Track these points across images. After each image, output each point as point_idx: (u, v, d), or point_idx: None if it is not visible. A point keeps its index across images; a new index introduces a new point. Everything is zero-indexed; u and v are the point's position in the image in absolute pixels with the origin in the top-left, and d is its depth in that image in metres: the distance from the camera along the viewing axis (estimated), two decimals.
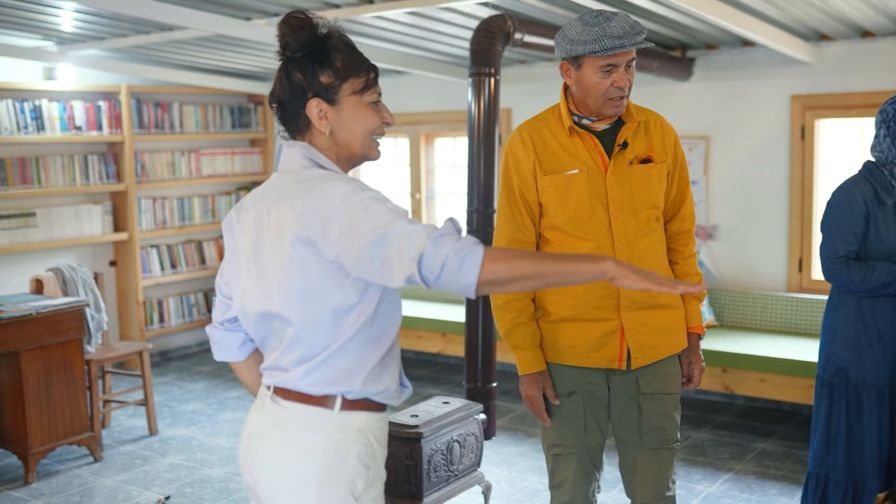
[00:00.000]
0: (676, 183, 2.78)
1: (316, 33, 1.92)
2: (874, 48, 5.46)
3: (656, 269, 2.71)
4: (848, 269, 3.25)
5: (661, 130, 2.73)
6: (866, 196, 3.26)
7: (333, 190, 1.82)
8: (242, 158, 8.07)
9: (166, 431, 5.59)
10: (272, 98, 1.99)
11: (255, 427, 2.00)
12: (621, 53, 2.52)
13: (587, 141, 2.66)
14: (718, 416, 5.64)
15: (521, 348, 2.73)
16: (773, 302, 5.79)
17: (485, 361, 4.47)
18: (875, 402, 3.30)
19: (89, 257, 6.98)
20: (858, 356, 3.32)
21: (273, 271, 1.90)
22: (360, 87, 1.95)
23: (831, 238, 3.32)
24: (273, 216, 1.90)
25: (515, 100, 6.78)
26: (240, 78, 7.65)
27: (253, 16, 5.02)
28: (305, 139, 1.97)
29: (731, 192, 6.05)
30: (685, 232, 2.83)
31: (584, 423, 2.74)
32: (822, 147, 5.79)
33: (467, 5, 4.60)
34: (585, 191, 2.63)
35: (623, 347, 2.67)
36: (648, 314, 2.69)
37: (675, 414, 2.76)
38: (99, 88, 6.82)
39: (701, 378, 2.84)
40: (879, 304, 3.28)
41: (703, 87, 6.09)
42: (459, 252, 1.70)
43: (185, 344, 7.78)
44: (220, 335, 2.14)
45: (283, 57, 1.95)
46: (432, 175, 7.59)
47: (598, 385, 2.73)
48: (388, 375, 1.98)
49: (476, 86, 4.17)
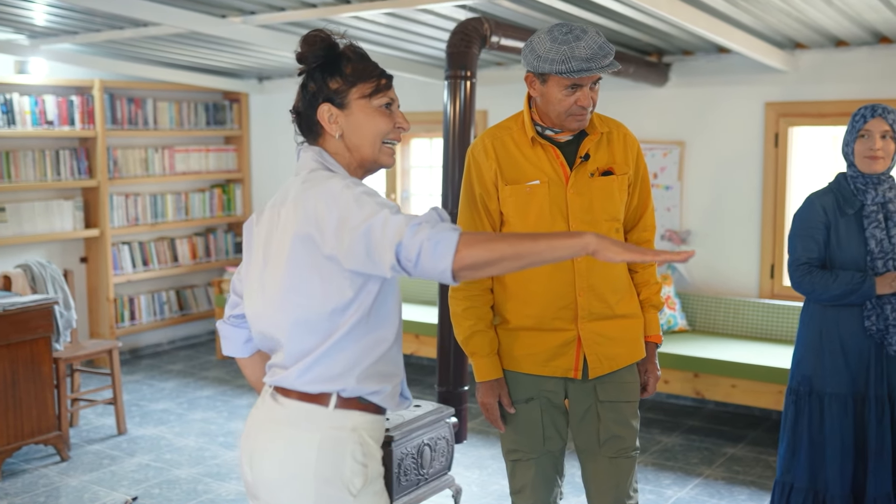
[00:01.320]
0: (638, 194, 2.78)
1: (328, 45, 2.03)
2: (848, 57, 5.51)
3: (615, 280, 2.71)
4: (810, 276, 3.31)
5: (623, 141, 2.73)
6: (827, 206, 3.34)
7: (330, 187, 1.90)
8: (217, 156, 8.01)
9: (135, 431, 5.53)
10: (292, 110, 2.10)
11: (256, 423, 2.07)
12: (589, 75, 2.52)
13: (549, 152, 2.66)
14: (689, 421, 5.66)
15: (478, 355, 2.72)
16: (745, 308, 5.83)
17: (457, 364, 4.46)
18: (836, 411, 3.33)
19: (60, 253, 6.90)
20: (821, 365, 3.37)
21: (274, 266, 1.98)
22: (368, 92, 2.03)
23: (794, 246, 3.40)
24: (282, 215, 1.98)
25: (492, 102, 6.78)
26: (215, 75, 7.60)
27: (228, 13, 4.98)
28: (321, 143, 2.07)
29: (705, 198, 6.08)
30: (645, 242, 2.84)
31: (542, 429, 2.74)
32: (796, 154, 5.83)
33: (445, 7, 4.59)
34: (546, 202, 2.64)
35: (579, 357, 2.68)
36: (606, 324, 2.69)
37: (633, 422, 2.77)
38: (71, 83, 6.75)
39: (655, 387, 2.86)
40: (843, 314, 3.32)
41: (678, 93, 6.11)
42: (433, 237, 1.74)
43: (155, 342, 7.72)
44: (227, 330, 2.23)
45: (301, 70, 2.07)
46: (408, 176, 7.58)
47: (556, 393, 2.74)
48: (384, 378, 2.02)
49: (452, 88, 4.17)
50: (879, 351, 3.30)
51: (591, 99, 2.57)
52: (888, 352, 3.28)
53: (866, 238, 3.27)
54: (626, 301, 2.75)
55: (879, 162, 3.25)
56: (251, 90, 7.97)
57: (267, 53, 6.41)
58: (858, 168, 3.29)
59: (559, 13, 4.65)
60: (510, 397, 2.74)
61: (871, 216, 3.27)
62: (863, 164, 3.27)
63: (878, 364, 3.30)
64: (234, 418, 5.77)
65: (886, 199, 3.28)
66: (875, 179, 3.28)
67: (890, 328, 3.26)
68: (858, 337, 3.30)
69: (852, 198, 3.31)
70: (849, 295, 3.25)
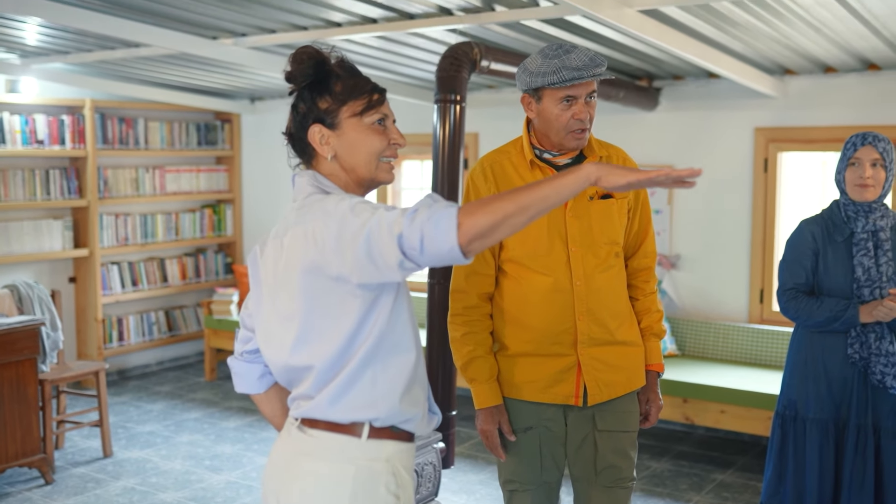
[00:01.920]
0: (638, 219, 2.77)
1: (318, 62, 1.97)
2: (837, 84, 5.53)
3: (615, 305, 2.69)
4: (796, 302, 3.33)
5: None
6: (815, 232, 3.36)
7: (325, 206, 1.86)
8: (208, 176, 8.00)
9: (121, 453, 5.49)
10: (285, 132, 2.05)
11: (282, 457, 1.99)
12: (581, 85, 2.53)
13: (548, 175, 2.65)
14: (679, 446, 5.64)
15: (477, 381, 2.70)
16: (735, 333, 5.82)
17: (444, 389, 4.43)
18: (817, 436, 3.33)
19: (48, 273, 6.87)
20: (805, 390, 3.38)
21: (285, 301, 1.92)
22: (360, 110, 1.97)
23: (782, 271, 3.43)
24: (285, 245, 1.93)
25: (483, 124, 6.79)
26: (207, 95, 7.60)
27: (219, 35, 4.98)
28: (315, 165, 2.01)
29: (695, 222, 6.09)
30: (646, 269, 2.82)
31: (539, 459, 2.72)
32: (785, 179, 5.84)
33: (436, 31, 4.60)
34: (544, 225, 2.63)
35: (580, 384, 2.66)
36: (606, 350, 2.67)
37: (631, 452, 2.74)
38: (63, 102, 6.74)
39: (657, 417, 2.82)
40: (829, 342, 3.32)
41: (669, 117, 6.13)
42: (432, 218, 1.69)
43: (144, 363, 7.68)
44: (239, 366, 2.15)
45: (292, 92, 2.02)
46: (399, 197, 7.58)
47: (555, 421, 2.71)
48: (414, 402, 1.97)
49: (441, 112, 4.16)
50: (863, 380, 3.29)
51: (588, 114, 2.56)
52: (872, 381, 3.27)
53: (854, 265, 3.28)
54: (626, 328, 2.73)
55: (870, 190, 3.26)
56: (243, 110, 7.97)
57: (258, 74, 6.41)
58: (850, 196, 3.30)
59: (549, 37, 4.66)
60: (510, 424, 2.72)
61: (861, 244, 3.27)
62: (854, 192, 3.28)
63: (861, 393, 3.29)
64: (221, 441, 5.73)
65: (877, 227, 3.28)
66: (866, 207, 3.28)
67: (872, 357, 3.25)
68: (842, 365, 3.30)
69: (843, 225, 3.32)
70: (832, 321, 3.25)
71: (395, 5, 4.19)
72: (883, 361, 3.25)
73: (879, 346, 3.26)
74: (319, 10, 4.32)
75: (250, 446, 5.61)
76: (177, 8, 4.32)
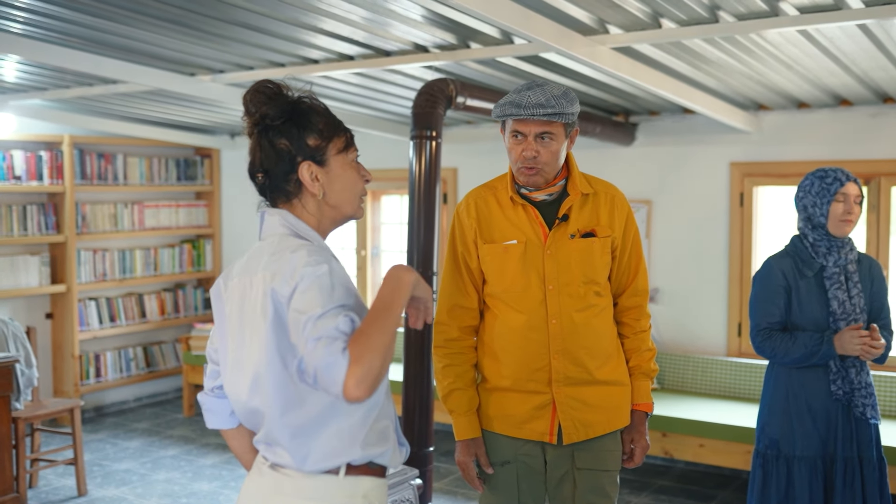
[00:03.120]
0: (627, 257, 2.74)
1: (290, 99, 1.97)
2: (810, 119, 5.60)
3: (595, 345, 2.66)
4: (771, 341, 3.34)
5: (611, 203, 2.71)
6: (785, 269, 3.38)
7: (293, 261, 1.84)
8: (188, 211, 7.99)
9: (96, 492, 5.42)
10: (257, 168, 1.98)
11: (255, 497, 1.96)
12: (527, 123, 2.55)
13: (529, 212, 2.66)
14: (659, 481, 5.62)
15: (456, 413, 2.71)
16: (713, 366, 5.83)
17: (422, 424, 4.41)
18: (806, 474, 3.32)
19: (24, 309, 6.82)
20: (790, 428, 3.36)
21: (251, 346, 1.90)
22: (342, 147, 1.98)
23: (753, 312, 3.44)
24: (254, 285, 1.91)
25: (461, 160, 6.83)
26: (187, 131, 7.60)
27: (197, 72, 5.00)
28: (295, 203, 1.98)
29: (673, 256, 6.12)
30: (636, 307, 2.78)
31: (517, 494, 2.70)
32: (761, 213, 5.90)
33: (413, 68, 4.64)
34: (521, 262, 2.63)
35: (554, 422, 2.65)
36: (583, 390, 2.66)
37: (610, 491, 2.72)
38: (41, 138, 6.73)
39: (642, 457, 2.78)
40: (808, 377, 3.33)
41: (645, 152, 6.19)
42: (324, 360, 1.70)
43: (121, 399, 7.60)
44: (211, 402, 2.11)
45: (259, 126, 1.96)
46: (378, 232, 7.58)
47: (533, 457, 2.70)
48: (386, 436, 1.96)
49: (417, 148, 4.18)
50: (846, 413, 3.31)
51: (537, 151, 2.56)
52: (855, 413, 3.29)
53: (829, 299, 3.31)
54: (609, 367, 2.70)
55: (850, 225, 3.32)
56: (223, 146, 7.98)
57: (238, 111, 6.43)
58: (830, 231, 3.33)
59: (525, 74, 4.71)
60: (488, 458, 2.71)
61: (833, 277, 3.31)
62: (836, 228, 3.32)
63: (845, 426, 3.31)
64: (198, 479, 5.67)
65: (847, 260, 3.34)
66: (839, 243, 3.33)
67: (855, 391, 3.28)
68: (825, 399, 3.31)
69: (811, 260, 3.35)
70: (809, 357, 3.27)
71: (372, 43, 4.22)
72: (863, 393, 3.28)
73: (860, 379, 3.29)
74: (297, 48, 4.35)
75: (227, 483, 5.55)
76: (154, 45, 4.34)
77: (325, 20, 3.80)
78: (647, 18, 3.62)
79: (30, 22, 3.97)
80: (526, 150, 2.57)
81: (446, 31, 3.95)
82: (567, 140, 2.63)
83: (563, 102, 2.55)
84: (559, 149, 2.60)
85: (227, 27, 3.98)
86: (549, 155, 2.59)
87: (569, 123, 2.60)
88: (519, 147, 2.58)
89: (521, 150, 2.58)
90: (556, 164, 2.62)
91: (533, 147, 2.56)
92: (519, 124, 2.56)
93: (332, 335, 1.72)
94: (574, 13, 3.54)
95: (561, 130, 2.58)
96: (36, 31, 4.13)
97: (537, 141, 2.57)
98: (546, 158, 2.58)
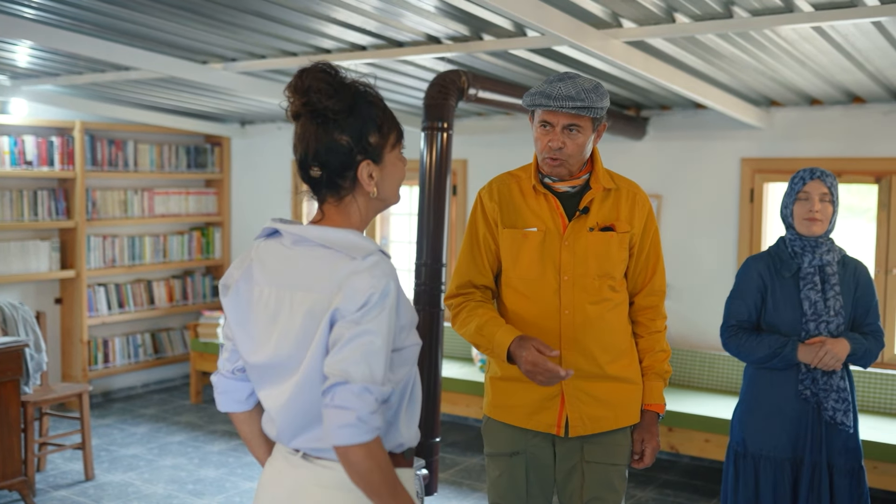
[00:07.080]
0: (644, 256, 2.73)
1: (354, 91, 1.84)
2: (822, 115, 5.58)
3: (608, 340, 2.66)
4: (736, 338, 3.33)
5: (632, 200, 2.71)
6: (761, 270, 3.35)
7: (361, 283, 1.77)
8: (197, 198, 8.00)
9: (103, 476, 5.45)
10: (313, 161, 1.84)
11: (286, 486, 1.90)
12: (556, 114, 2.56)
13: (550, 201, 2.67)
14: (664, 475, 5.63)
15: (494, 335, 2.57)
16: (720, 361, 5.83)
17: (428, 415, 4.42)
18: (771, 474, 3.29)
19: (34, 294, 6.85)
20: (756, 427, 3.33)
21: (292, 357, 1.84)
22: (395, 142, 1.91)
23: (727, 308, 3.42)
24: (296, 302, 1.83)
25: (472, 151, 6.82)
26: (197, 118, 7.61)
27: (209, 60, 5.01)
28: (347, 201, 1.88)
29: (681, 251, 6.11)
30: (652, 307, 2.77)
31: (525, 485, 2.71)
32: (771, 210, 5.88)
33: (425, 59, 4.64)
34: (538, 250, 2.64)
35: (562, 414, 2.65)
36: (594, 385, 2.66)
37: (617, 485, 2.71)
38: (52, 124, 6.75)
39: (653, 457, 2.76)
40: (777, 378, 3.30)
41: (656, 147, 6.17)
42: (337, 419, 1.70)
43: (129, 385, 7.64)
44: (228, 384, 2.04)
45: (319, 118, 1.83)
46: (387, 222, 7.59)
47: (542, 448, 2.70)
48: (415, 420, 1.94)
49: (428, 139, 4.18)
50: (817, 416, 3.26)
51: (563, 143, 2.57)
52: (825, 417, 3.25)
53: (801, 299, 3.26)
54: (621, 364, 2.69)
55: (818, 224, 3.25)
56: (233, 134, 7.99)
57: (248, 99, 6.44)
58: (797, 230, 3.30)
59: (537, 66, 4.70)
60: (496, 449, 2.72)
61: (808, 278, 3.26)
62: (802, 227, 3.28)
63: (815, 430, 3.26)
64: (204, 465, 5.70)
65: (824, 261, 3.28)
66: (813, 242, 3.28)
67: (822, 393, 3.23)
68: (794, 401, 3.27)
69: (790, 261, 3.31)
70: (772, 358, 3.24)
71: (385, 33, 4.22)
72: (834, 397, 3.23)
73: (829, 382, 3.23)
74: (310, 38, 4.35)
75: (234, 470, 5.58)
76: (167, 32, 4.35)
77: (337, 10, 3.80)
78: (660, 13, 3.61)
79: (43, 7, 3.98)
80: (552, 141, 2.57)
81: (459, 23, 3.95)
82: (594, 134, 2.63)
83: (592, 96, 2.55)
84: (585, 142, 2.60)
85: (239, 15, 3.98)
86: (575, 147, 2.59)
87: (597, 118, 2.60)
88: (546, 137, 2.59)
89: (548, 140, 2.58)
90: (581, 157, 2.63)
91: (559, 138, 2.57)
92: (547, 115, 2.57)
93: (363, 392, 1.71)
94: (588, 6, 3.53)
95: (588, 124, 2.59)
96: (49, 17, 4.14)
97: (564, 132, 2.57)
98: (571, 150, 2.59)
